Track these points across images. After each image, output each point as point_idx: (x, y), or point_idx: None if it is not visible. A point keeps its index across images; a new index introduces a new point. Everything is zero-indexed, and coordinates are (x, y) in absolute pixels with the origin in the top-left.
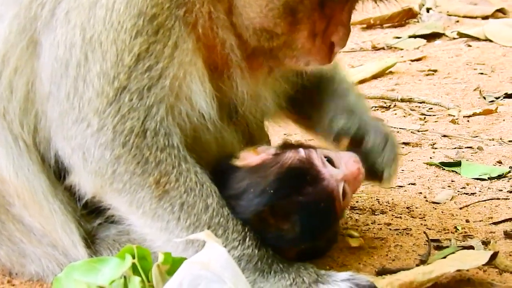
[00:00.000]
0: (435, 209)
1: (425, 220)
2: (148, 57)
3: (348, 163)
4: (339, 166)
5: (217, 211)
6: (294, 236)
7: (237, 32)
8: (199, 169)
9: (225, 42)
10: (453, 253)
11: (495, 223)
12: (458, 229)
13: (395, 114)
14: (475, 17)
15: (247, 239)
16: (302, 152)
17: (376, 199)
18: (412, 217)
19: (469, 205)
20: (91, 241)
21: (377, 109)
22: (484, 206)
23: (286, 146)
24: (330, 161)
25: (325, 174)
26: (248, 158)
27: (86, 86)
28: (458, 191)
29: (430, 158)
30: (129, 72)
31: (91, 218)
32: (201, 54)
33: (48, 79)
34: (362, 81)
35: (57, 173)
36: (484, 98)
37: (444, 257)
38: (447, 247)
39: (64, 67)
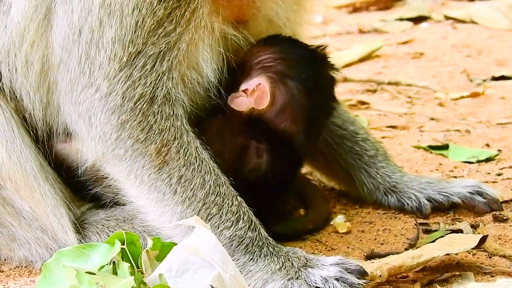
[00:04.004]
0: None
1: None
2: (168, 22)
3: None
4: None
5: (213, 189)
6: None
7: None
8: (199, 145)
9: None
10: (442, 236)
11: None
12: (447, 213)
13: (382, 97)
14: (461, 0)
15: (241, 221)
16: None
17: None
18: None
19: None
20: (80, 226)
21: (364, 93)
22: None
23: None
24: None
25: None
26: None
27: (99, 51)
28: (446, 174)
29: (418, 141)
30: (148, 37)
31: (80, 202)
32: (218, 16)
33: (60, 46)
34: (348, 65)
35: None
36: (471, 80)
37: (433, 241)
38: (436, 230)
39: (77, 34)
